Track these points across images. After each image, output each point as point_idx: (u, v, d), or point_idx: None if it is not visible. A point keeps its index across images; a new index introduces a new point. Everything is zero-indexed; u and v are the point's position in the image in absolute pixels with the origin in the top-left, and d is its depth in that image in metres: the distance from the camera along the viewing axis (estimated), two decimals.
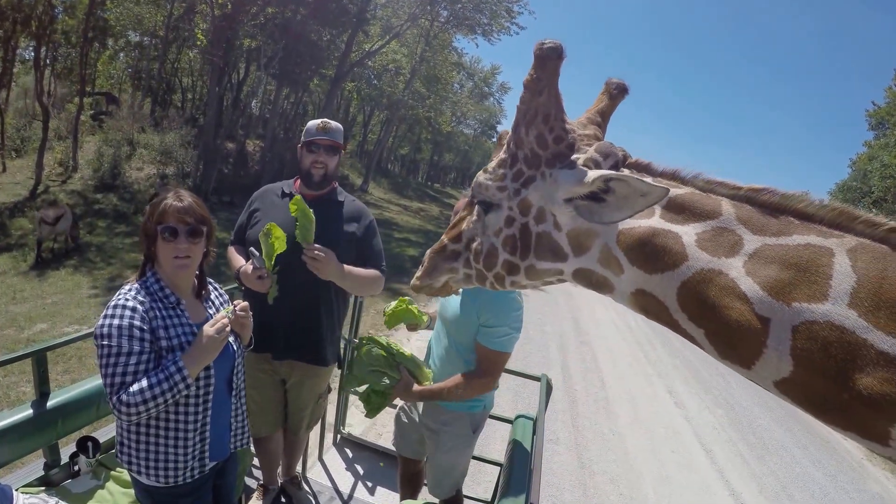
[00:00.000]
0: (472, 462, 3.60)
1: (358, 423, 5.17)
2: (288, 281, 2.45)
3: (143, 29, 28.42)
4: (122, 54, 33.77)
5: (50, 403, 2.27)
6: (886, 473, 6.87)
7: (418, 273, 1.46)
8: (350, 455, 3.94)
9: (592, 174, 1.02)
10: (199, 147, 20.64)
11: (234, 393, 2.02)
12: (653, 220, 1.04)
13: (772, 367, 0.90)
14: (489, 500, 3.43)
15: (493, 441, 5.36)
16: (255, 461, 3.20)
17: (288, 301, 2.49)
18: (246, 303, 2.00)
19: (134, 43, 31.39)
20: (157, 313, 1.74)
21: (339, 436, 4.05)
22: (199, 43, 22.79)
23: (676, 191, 1.05)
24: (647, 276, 1.04)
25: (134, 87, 30.51)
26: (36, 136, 20.41)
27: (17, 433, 2.13)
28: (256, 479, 3.26)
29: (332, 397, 3.69)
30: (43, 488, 2.31)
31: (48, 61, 24.73)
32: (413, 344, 7.77)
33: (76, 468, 2.44)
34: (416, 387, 2.42)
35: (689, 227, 1.00)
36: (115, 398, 1.63)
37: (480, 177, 1.27)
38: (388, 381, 2.40)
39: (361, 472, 3.78)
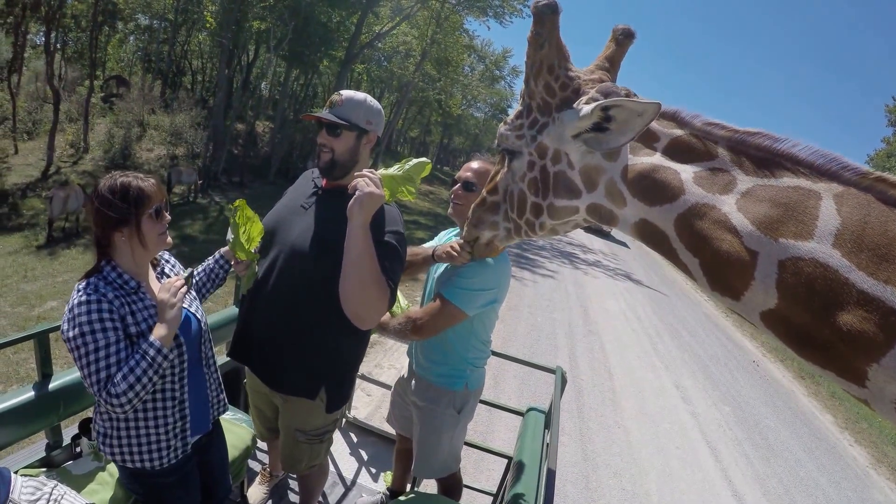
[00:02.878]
0: (477, 452, 3.57)
1: (363, 406, 5.17)
2: (256, 286, 2.15)
3: (153, 12, 28.44)
4: (132, 37, 33.83)
5: (52, 385, 2.25)
6: (891, 484, 6.82)
7: (466, 226, 1.60)
8: (354, 440, 3.92)
9: (589, 106, 1.11)
10: (208, 128, 20.68)
11: (204, 363, 1.99)
12: (654, 158, 1.14)
13: (759, 299, 0.96)
14: (493, 492, 3.40)
15: (498, 431, 5.35)
16: (261, 444, 3.19)
17: (250, 306, 2.22)
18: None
19: (144, 26, 31.37)
20: (122, 300, 1.71)
21: (343, 420, 4.03)
22: (208, 25, 22.73)
23: (676, 132, 1.13)
24: (648, 207, 1.13)
25: (144, 70, 30.56)
26: (47, 119, 20.55)
27: (18, 415, 2.11)
28: (261, 462, 3.24)
29: None
30: (44, 470, 2.30)
31: (58, 45, 24.77)
32: None
33: (78, 450, 2.42)
34: None
35: (688, 165, 1.09)
36: (104, 393, 1.59)
37: (501, 128, 1.38)
38: None
39: (366, 457, 3.76)
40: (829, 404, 9.13)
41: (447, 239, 2.57)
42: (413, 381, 2.64)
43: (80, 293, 1.65)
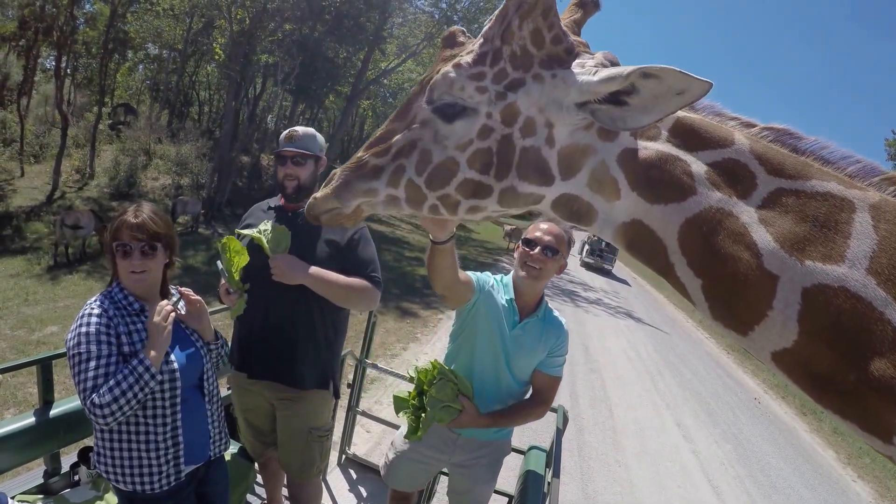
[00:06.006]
0: None
1: (363, 442, 5.11)
2: (262, 296, 2.34)
3: (163, 42, 29.01)
4: (141, 66, 34.56)
5: (53, 412, 2.25)
6: None
7: (319, 193, 1.13)
8: (354, 476, 3.86)
9: (627, 69, 0.84)
10: (214, 159, 20.87)
11: (207, 398, 2.02)
12: (659, 143, 0.92)
13: (773, 335, 0.78)
14: None
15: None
16: (259, 479, 3.15)
17: (262, 317, 2.40)
18: (190, 292, 2.04)
19: (153, 56, 32.09)
20: (121, 320, 1.79)
21: (343, 456, 3.98)
22: (216, 57, 23.20)
23: (686, 114, 0.94)
24: (648, 205, 0.90)
25: (152, 99, 31.11)
26: (54, 143, 20.82)
27: (18, 440, 2.11)
28: (259, 496, 3.20)
29: (340, 414, 3.63)
30: (41, 496, 2.28)
31: (69, 71, 25.30)
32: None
33: (76, 478, 2.41)
34: (481, 415, 2.26)
35: (699, 154, 0.88)
36: (88, 402, 1.65)
37: (452, 72, 0.99)
38: (452, 411, 2.20)
39: (365, 494, 3.70)
40: (832, 440, 9.02)
41: (501, 285, 2.42)
42: (453, 444, 2.47)
43: (86, 308, 1.76)
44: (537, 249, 2.18)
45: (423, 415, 2.16)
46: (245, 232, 2.31)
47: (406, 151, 1.02)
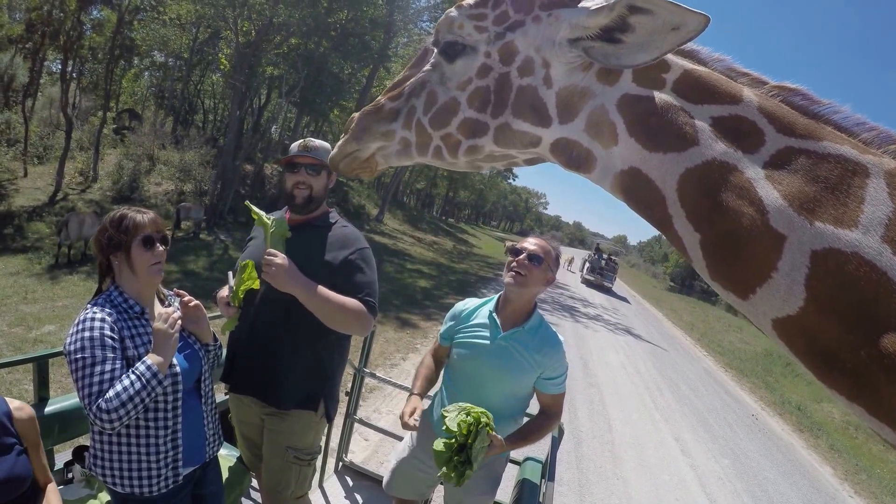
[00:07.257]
0: None
1: (360, 450, 5.08)
2: (249, 310, 2.30)
3: (169, 50, 29.22)
4: (146, 73, 34.74)
5: (48, 409, 2.25)
6: None
7: (341, 140, 1.18)
8: (350, 483, 3.84)
9: (611, 1, 0.82)
10: (217, 167, 20.91)
11: (203, 400, 2.03)
12: (663, 93, 0.88)
13: (777, 299, 0.72)
14: None
15: None
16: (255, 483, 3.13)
17: (247, 331, 2.35)
18: (189, 297, 2.05)
19: (159, 63, 32.26)
20: (124, 324, 1.79)
21: (340, 463, 3.96)
22: (222, 67, 23.30)
23: (693, 65, 0.89)
24: (647, 153, 0.87)
25: (157, 106, 31.29)
26: (58, 146, 20.94)
27: None
28: (256, 501, 3.18)
29: (337, 422, 3.61)
30: None
31: (74, 75, 25.46)
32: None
33: (70, 475, 2.40)
34: (503, 441, 2.25)
35: (704, 108, 0.84)
36: (94, 407, 1.64)
37: (454, 12, 1.02)
38: (485, 449, 2.15)
39: (361, 501, 3.68)
40: (829, 456, 8.99)
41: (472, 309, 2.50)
42: None
43: (87, 311, 1.75)
44: (521, 256, 2.29)
45: (468, 470, 2.09)
46: (255, 209, 2.25)
47: (417, 91, 1.07)
